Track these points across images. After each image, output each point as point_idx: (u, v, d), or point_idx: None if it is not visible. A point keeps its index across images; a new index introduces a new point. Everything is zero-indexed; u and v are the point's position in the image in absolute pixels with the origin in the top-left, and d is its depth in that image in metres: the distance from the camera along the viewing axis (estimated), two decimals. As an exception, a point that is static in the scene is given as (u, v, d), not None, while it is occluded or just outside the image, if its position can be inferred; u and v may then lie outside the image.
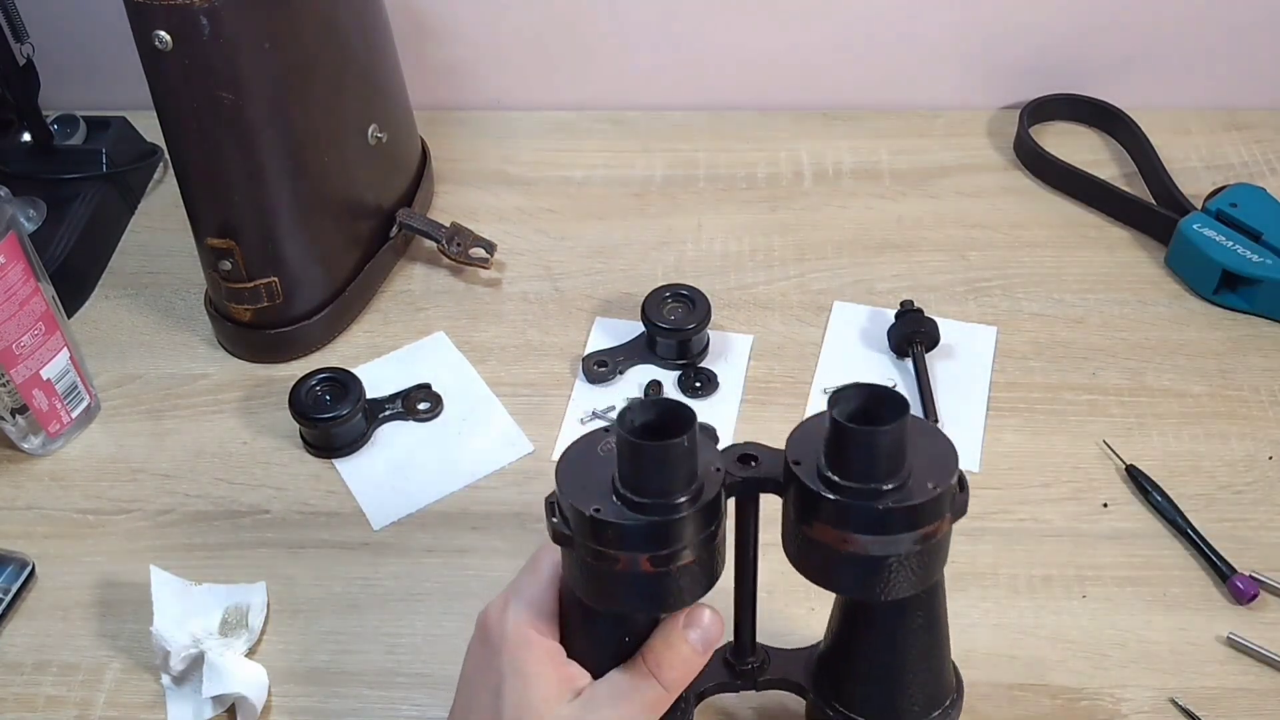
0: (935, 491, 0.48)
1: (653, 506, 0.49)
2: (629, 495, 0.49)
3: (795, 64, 1.03)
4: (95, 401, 0.82)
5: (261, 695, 0.65)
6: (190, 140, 0.76)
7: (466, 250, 0.90)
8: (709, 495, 0.50)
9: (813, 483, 0.49)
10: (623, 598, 0.52)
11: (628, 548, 0.50)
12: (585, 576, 0.52)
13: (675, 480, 0.49)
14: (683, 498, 0.49)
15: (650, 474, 0.49)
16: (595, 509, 0.49)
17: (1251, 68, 1.01)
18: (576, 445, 0.53)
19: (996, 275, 0.88)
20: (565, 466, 0.52)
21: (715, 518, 0.51)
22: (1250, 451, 0.76)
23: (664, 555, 0.50)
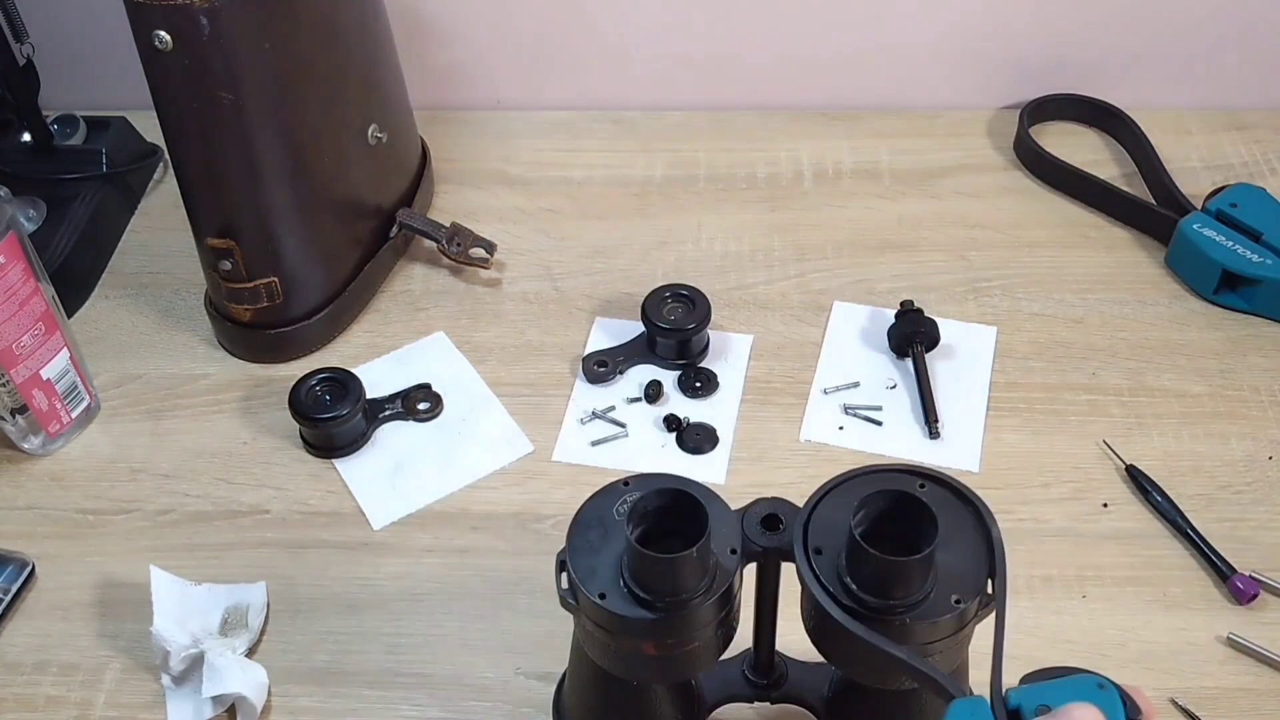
0: (958, 608, 0.46)
1: (659, 604, 0.47)
2: (635, 590, 0.47)
3: (795, 64, 1.03)
4: (95, 401, 0.82)
5: (261, 695, 0.65)
6: (190, 140, 0.76)
7: (466, 250, 0.90)
8: (720, 588, 0.48)
9: (832, 587, 0.46)
10: (626, 669, 0.51)
11: (631, 636, 0.48)
12: (590, 643, 0.51)
13: (684, 583, 0.47)
14: (692, 596, 0.47)
15: (657, 579, 0.47)
16: (600, 594, 0.47)
17: (1251, 68, 1.01)
18: (593, 502, 0.51)
19: (996, 275, 0.88)
20: (578, 528, 0.49)
21: (728, 604, 0.49)
22: (1250, 451, 0.76)
23: (670, 644, 0.48)
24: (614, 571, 0.48)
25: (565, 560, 0.49)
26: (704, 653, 0.50)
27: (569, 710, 0.61)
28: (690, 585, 0.47)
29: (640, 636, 0.48)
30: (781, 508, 0.50)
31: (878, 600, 0.45)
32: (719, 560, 0.48)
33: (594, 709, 0.58)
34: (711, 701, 0.60)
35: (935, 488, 0.48)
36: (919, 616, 0.45)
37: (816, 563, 0.47)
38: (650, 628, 0.48)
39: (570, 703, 0.60)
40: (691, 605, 0.47)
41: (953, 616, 0.45)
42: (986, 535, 0.47)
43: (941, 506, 0.46)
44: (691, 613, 0.47)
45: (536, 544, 0.73)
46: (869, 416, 0.79)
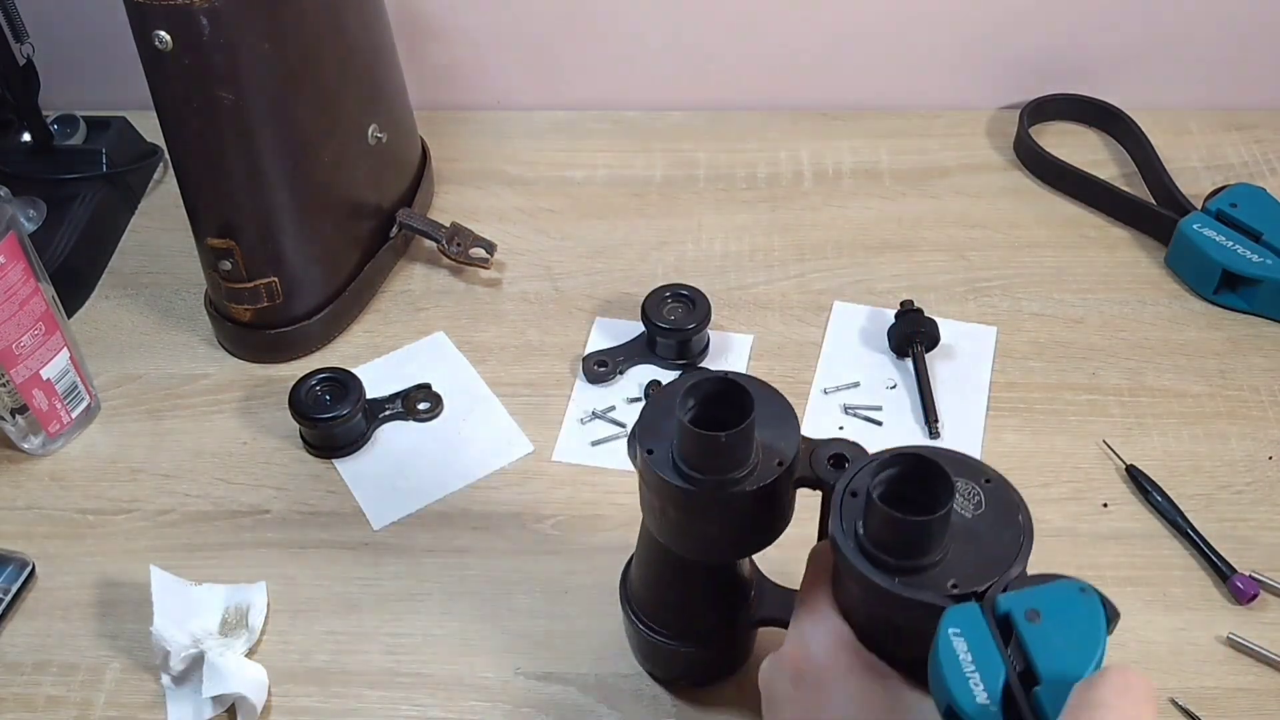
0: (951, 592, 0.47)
1: (692, 477, 0.51)
2: (677, 460, 0.51)
3: (795, 64, 1.03)
4: (95, 401, 0.82)
5: (261, 695, 0.65)
6: (190, 140, 0.76)
7: (466, 250, 0.90)
8: (758, 484, 0.51)
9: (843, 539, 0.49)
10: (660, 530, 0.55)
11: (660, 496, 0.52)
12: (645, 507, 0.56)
13: (718, 464, 0.51)
14: (724, 477, 0.51)
15: (694, 453, 0.51)
16: (649, 450, 0.52)
17: (1251, 68, 1.01)
18: (681, 378, 0.54)
19: (996, 275, 0.88)
20: (661, 394, 0.54)
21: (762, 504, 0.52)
22: (1250, 451, 0.76)
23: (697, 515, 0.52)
24: (670, 439, 0.52)
25: (636, 428, 0.54)
26: (727, 541, 0.54)
27: (633, 584, 0.64)
28: (720, 469, 0.51)
29: (666, 498, 0.52)
30: (853, 450, 0.53)
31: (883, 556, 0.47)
32: (763, 461, 0.52)
33: (652, 585, 0.62)
34: (763, 615, 0.62)
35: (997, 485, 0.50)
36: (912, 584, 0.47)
37: (846, 504, 0.49)
38: (675, 494, 0.52)
39: (634, 577, 0.63)
40: (722, 489, 0.51)
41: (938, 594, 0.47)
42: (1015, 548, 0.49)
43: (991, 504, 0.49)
44: (715, 495, 0.51)
45: (536, 544, 0.73)
46: (869, 416, 0.79)
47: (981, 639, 0.44)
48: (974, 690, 0.43)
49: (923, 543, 0.47)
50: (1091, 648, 0.44)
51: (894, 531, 0.47)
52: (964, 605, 0.45)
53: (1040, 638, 0.44)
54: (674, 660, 0.64)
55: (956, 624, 0.44)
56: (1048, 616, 0.44)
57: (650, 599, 0.62)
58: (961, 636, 0.44)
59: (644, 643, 0.64)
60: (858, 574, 0.47)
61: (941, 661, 0.44)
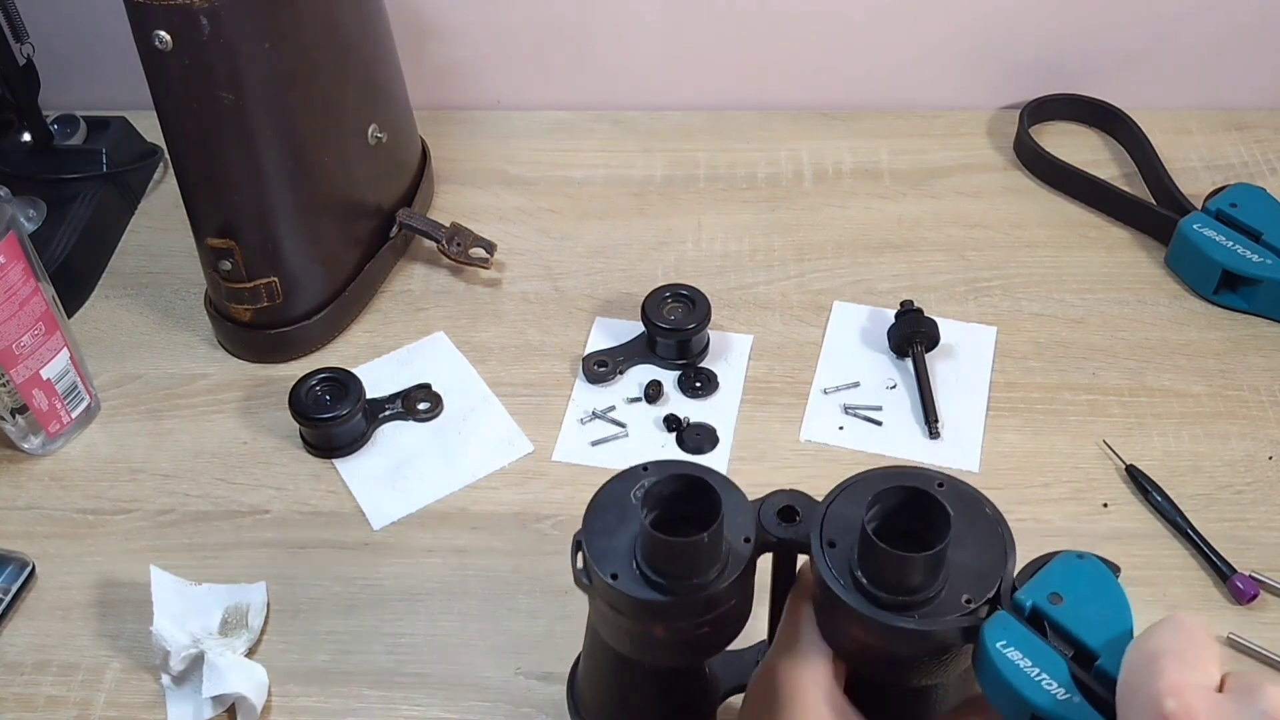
0: (968, 607, 0.45)
1: (670, 588, 0.48)
2: (648, 573, 0.48)
3: (795, 64, 1.03)
4: (95, 401, 0.82)
5: (261, 695, 0.65)
6: (190, 140, 0.76)
7: (466, 250, 0.90)
8: (732, 575, 0.48)
9: (843, 580, 0.46)
10: (636, 651, 0.51)
11: (642, 618, 0.49)
12: (603, 624, 0.51)
13: (697, 567, 0.48)
14: (705, 580, 0.48)
15: (671, 562, 0.48)
16: (613, 574, 0.48)
17: (1251, 68, 1.01)
18: (611, 486, 0.51)
19: (996, 275, 0.88)
20: (595, 509, 0.50)
21: (740, 592, 0.49)
22: (1250, 451, 0.76)
23: (680, 627, 0.49)
24: (628, 554, 0.49)
25: (581, 540, 0.50)
26: (715, 638, 0.51)
27: (583, 694, 0.61)
28: (702, 570, 0.48)
29: (650, 618, 0.49)
30: (799, 500, 0.50)
31: (888, 595, 0.45)
32: (733, 547, 0.49)
33: (607, 692, 0.59)
34: (725, 689, 0.60)
35: (951, 488, 0.48)
36: (929, 614, 0.45)
37: (830, 555, 0.47)
38: (661, 610, 0.48)
39: (584, 686, 0.61)
40: (703, 590, 0.48)
41: (962, 616, 0.45)
42: (999, 539, 0.47)
43: (955, 507, 0.46)
44: (702, 597, 0.48)
45: (536, 544, 0.73)
46: (869, 416, 0.79)
47: (1026, 641, 0.44)
48: (1049, 690, 0.42)
49: (936, 571, 0.45)
50: (1121, 604, 0.44)
51: (904, 570, 0.45)
52: (995, 617, 0.44)
53: (1073, 616, 0.44)
54: None
55: (998, 636, 0.44)
56: (1067, 594, 0.44)
57: (610, 710, 0.59)
58: (1010, 646, 0.43)
59: None
60: (875, 624, 0.45)
61: (1005, 675, 0.43)
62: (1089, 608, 0.44)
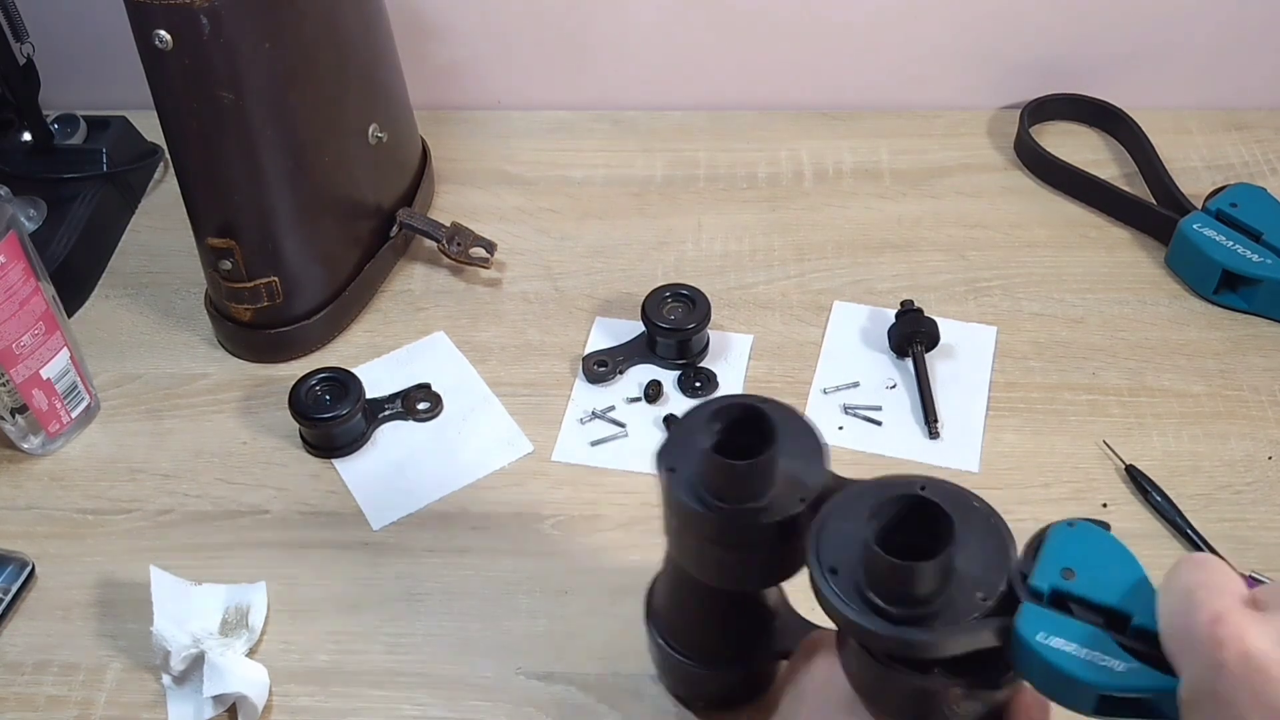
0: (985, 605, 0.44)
1: (713, 504, 0.49)
2: (698, 484, 0.50)
3: (795, 64, 1.03)
4: (95, 401, 0.82)
5: (262, 695, 0.65)
6: (190, 140, 0.76)
7: (466, 250, 0.90)
8: (774, 518, 0.49)
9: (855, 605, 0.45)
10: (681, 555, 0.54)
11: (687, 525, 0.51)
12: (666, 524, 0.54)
13: (741, 495, 0.49)
14: (746, 510, 0.49)
15: (709, 475, 0.49)
16: (670, 468, 0.50)
17: (1251, 68, 1.01)
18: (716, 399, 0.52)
19: (996, 275, 0.88)
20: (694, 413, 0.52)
21: (782, 537, 0.50)
22: (1250, 451, 0.76)
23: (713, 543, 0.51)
24: (694, 461, 0.50)
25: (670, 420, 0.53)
26: (743, 571, 0.52)
27: (657, 599, 0.63)
28: (739, 498, 0.49)
29: (682, 520, 0.51)
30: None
31: (902, 610, 0.44)
32: (783, 497, 0.49)
33: (673, 601, 0.61)
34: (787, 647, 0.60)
35: (935, 488, 0.48)
36: (948, 620, 0.44)
37: (835, 583, 0.46)
38: (692, 517, 0.50)
39: (661, 593, 0.62)
40: (740, 517, 0.49)
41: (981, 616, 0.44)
42: (995, 530, 0.46)
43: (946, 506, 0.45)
44: (732, 524, 0.49)
45: (536, 544, 0.73)
46: (869, 416, 0.79)
47: (1061, 625, 0.42)
48: (1107, 665, 0.41)
49: (948, 576, 0.44)
50: (1126, 558, 0.43)
51: (918, 581, 0.44)
52: (1023, 610, 0.43)
53: (1091, 585, 0.43)
54: (693, 682, 0.63)
55: (1034, 628, 0.43)
56: (1076, 565, 0.43)
57: (673, 619, 0.61)
58: (1050, 635, 0.42)
59: (665, 661, 0.63)
60: (899, 642, 0.44)
61: (1059, 666, 0.42)
62: (1101, 572, 0.43)
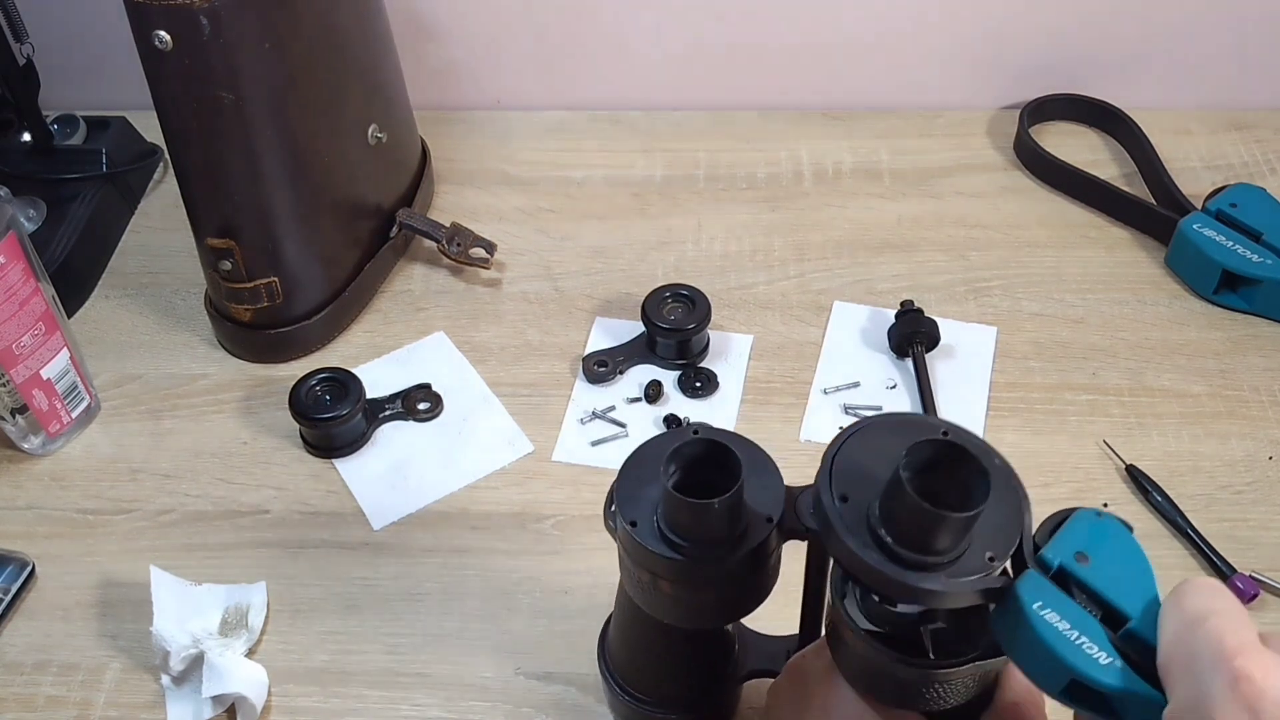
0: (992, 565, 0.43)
1: (680, 546, 0.48)
2: (664, 528, 0.48)
3: (795, 64, 1.03)
4: (95, 401, 0.82)
5: (261, 695, 0.65)
6: (190, 140, 0.76)
7: (466, 250, 0.90)
8: (744, 549, 0.48)
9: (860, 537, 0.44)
10: (645, 601, 0.52)
11: (649, 570, 0.49)
12: (623, 570, 0.52)
13: (706, 531, 0.48)
14: (714, 546, 0.47)
15: (680, 519, 0.48)
16: (632, 522, 0.48)
17: (1251, 68, 1.01)
18: (654, 440, 0.51)
19: (996, 275, 0.88)
20: (634, 460, 0.51)
21: (752, 568, 0.49)
22: (1250, 451, 0.76)
23: (683, 587, 0.49)
24: (651, 507, 0.49)
25: (613, 486, 0.50)
26: (720, 608, 0.51)
27: (612, 645, 0.62)
28: (713, 535, 0.48)
29: (657, 572, 0.49)
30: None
31: (912, 555, 0.43)
32: (751, 524, 0.48)
33: (627, 644, 0.59)
34: (749, 668, 0.60)
35: (959, 435, 0.46)
36: (954, 573, 0.43)
37: (843, 512, 0.45)
38: (665, 566, 0.48)
39: (613, 637, 0.61)
40: (711, 556, 0.48)
41: (985, 575, 0.43)
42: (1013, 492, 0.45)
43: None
44: (709, 563, 0.48)
45: (536, 544, 0.73)
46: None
47: (1060, 602, 0.41)
48: (1090, 654, 0.40)
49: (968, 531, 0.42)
50: (1143, 565, 0.42)
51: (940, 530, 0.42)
52: (1027, 576, 0.42)
53: (1100, 576, 0.41)
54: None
55: (1034, 597, 0.41)
56: (1092, 553, 0.42)
57: (632, 666, 0.60)
58: (1047, 607, 0.41)
59: (626, 710, 0.61)
60: (899, 585, 0.43)
61: (1046, 639, 0.40)
62: (1114, 568, 0.41)
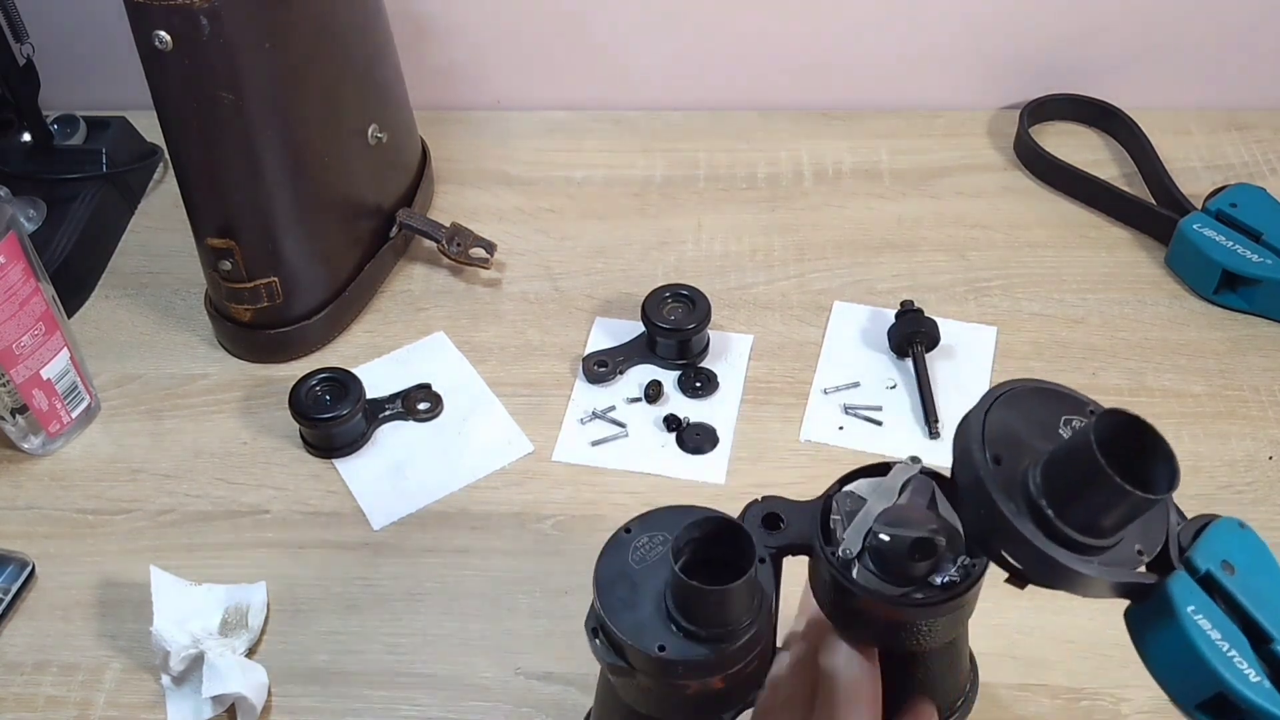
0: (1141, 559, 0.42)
1: (722, 635, 0.45)
2: (691, 629, 0.45)
3: (795, 64, 1.03)
4: (95, 401, 0.82)
5: (261, 695, 0.65)
6: (190, 140, 0.76)
7: (466, 250, 0.90)
8: (769, 598, 0.46)
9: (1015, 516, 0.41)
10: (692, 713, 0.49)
11: (700, 677, 0.46)
12: (650, 699, 0.49)
13: (743, 607, 0.46)
14: (749, 619, 0.46)
15: (718, 611, 0.45)
16: (660, 647, 0.45)
17: (1251, 68, 1.01)
18: (606, 559, 0.48)
19: (996, 275, 0.88)
20: (604, 586, 0.47)
21: (770, 613, 0.48)
22: (1250, 451, 0.76)
23: (735, 672, 0.47)
24: (660, 617, 0.46)
25: (600, 625, 0.47)
26: (761, 669, 0.50)
27: None
28: (746, 609, 0.46)
29: (706, 673, 0.46)
30: (778, 505, 0.49)
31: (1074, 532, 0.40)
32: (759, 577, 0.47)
33: None
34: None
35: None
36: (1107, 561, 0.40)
37: (996, 473, 0.41)
38: (715, 663, 0.46)
39: None
40: (747, 630, 0.46)
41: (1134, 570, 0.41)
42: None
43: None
44: (748, 634, 0.46)
45: (536, 544, 0.73)
46: (869, 416, 0.79)
47: (1210, 609, 0.39)
48: (1244, 670, 0.38)
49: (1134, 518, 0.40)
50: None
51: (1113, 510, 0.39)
52: (1177, 577, 0.39)
53: (1246, 590, 0.39)
54: None
55: (1188, 600, 0.38)
56: (1237, 564, 0.39)
57: None
58: (1200, 613, 0.38)
59: None
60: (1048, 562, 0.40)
61: (1199, 646, 0.38)
62: (1258, 582, 0.39)
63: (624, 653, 0.46)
